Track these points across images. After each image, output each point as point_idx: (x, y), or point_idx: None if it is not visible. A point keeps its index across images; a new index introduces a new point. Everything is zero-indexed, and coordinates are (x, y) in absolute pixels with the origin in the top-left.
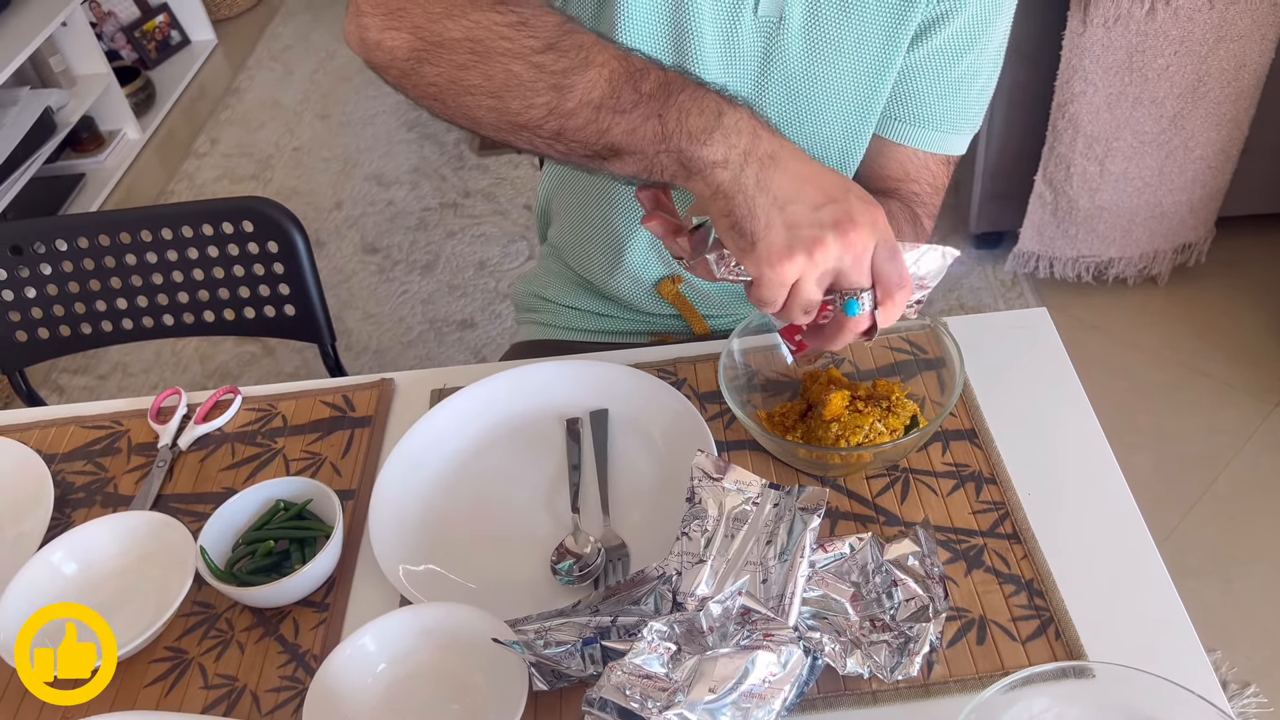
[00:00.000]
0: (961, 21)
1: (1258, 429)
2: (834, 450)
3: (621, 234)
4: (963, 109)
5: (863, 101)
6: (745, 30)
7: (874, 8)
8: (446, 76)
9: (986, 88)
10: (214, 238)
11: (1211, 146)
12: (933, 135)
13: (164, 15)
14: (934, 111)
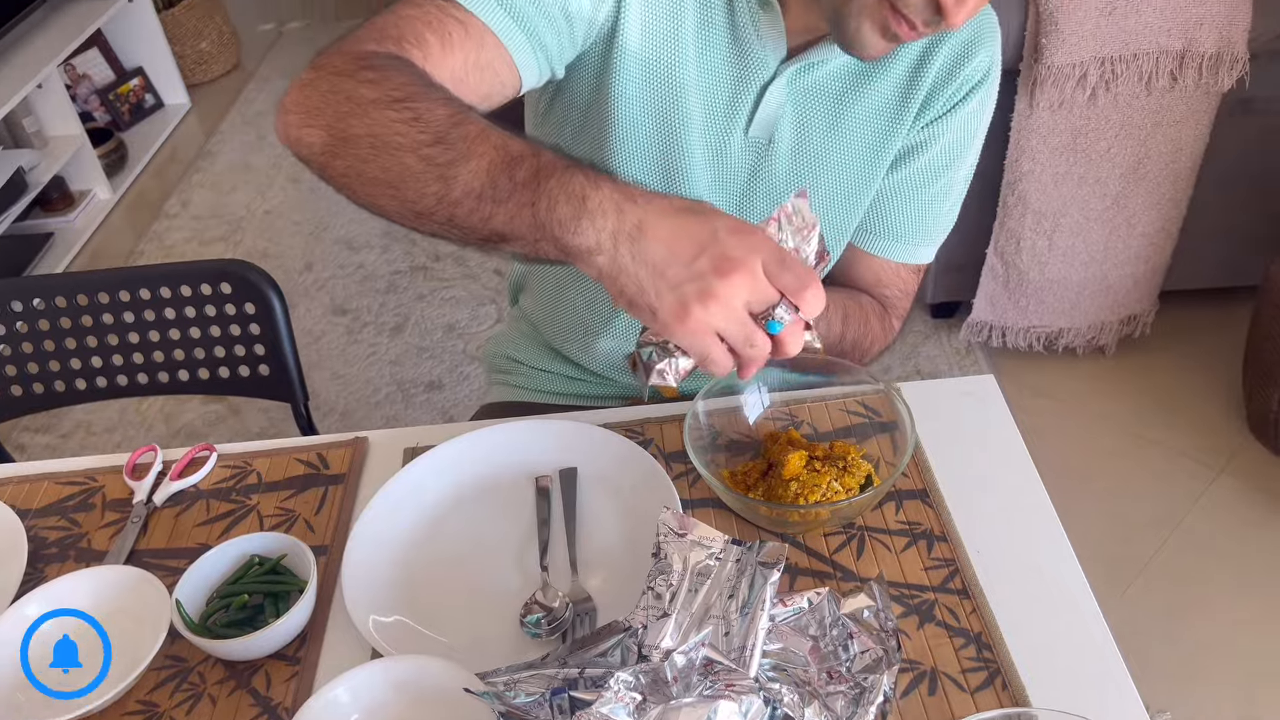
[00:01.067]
0: (938, 149)
1: (1204, 493)
2: (793, 508)
3: (596, 321)
4: (933, 225)
5: (842, 216)
6: (735, 149)
7: (858, 134)
8: (354, 169)
9: (957, 204)
10: (192, 298)
11: (1153, 224)
12: (904, 248)
13: (139, 79)
14: (906, 228)
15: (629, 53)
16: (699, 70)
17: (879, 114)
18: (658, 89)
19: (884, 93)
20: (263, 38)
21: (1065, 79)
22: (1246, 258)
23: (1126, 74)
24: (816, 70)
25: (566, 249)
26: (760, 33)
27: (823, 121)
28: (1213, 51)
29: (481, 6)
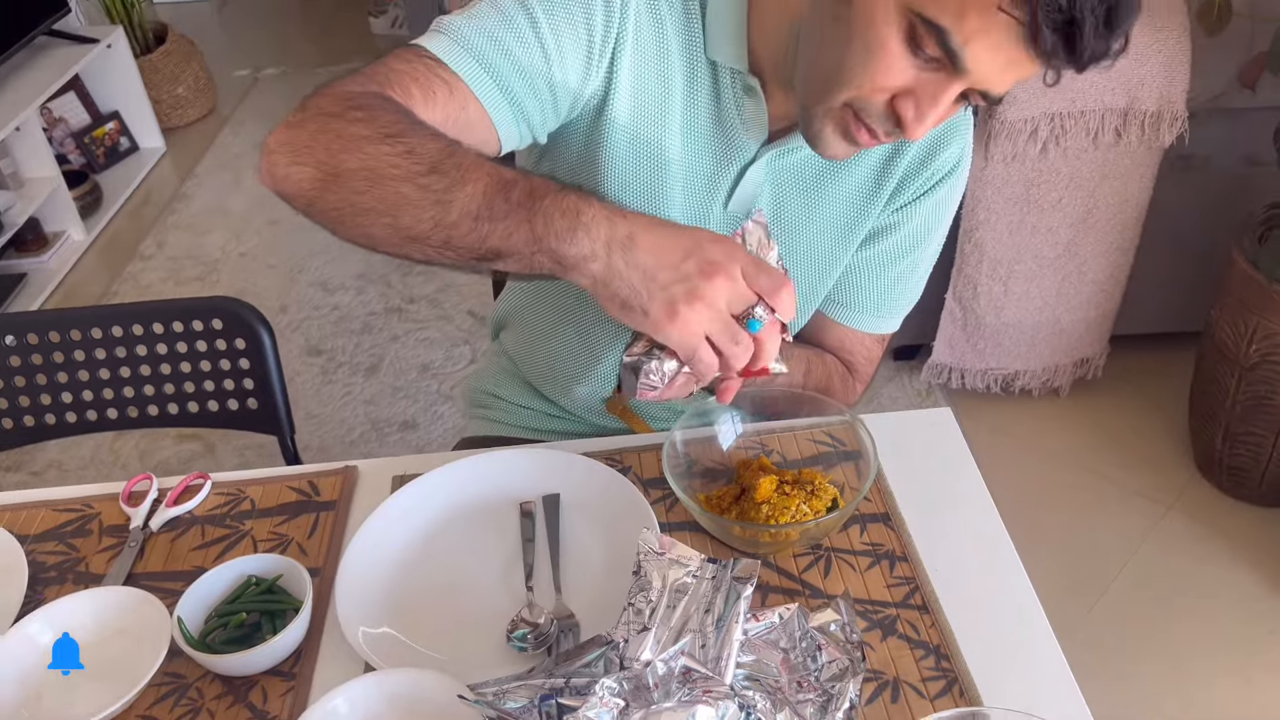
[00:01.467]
0: (907, 230)
1: (1153, 529)
2: (764, 528)
3: (576, 368)
4: (899, 298)
5: (812, 288)
6: (714, 222)
7: (831, 214)
8: (347, 201)
9: (923, 279)
10: (183, 334)
11: (1102, 271)
12: (871, 319)
13: (115, 123)
14: (873, 301)
15: (618, 126)
16: (683, 147)
17: (852, 197)
18: (643, 162)
19: (858, 178)
20: (238, 83)
21: (1018, 133)
22: (1190, 304)
23: (1075, 129)
24: (795, 154)
25: (562, 259)
26: (744, 117)
27: (798, 201)
28: (1154, 109)
29: (468, 71)
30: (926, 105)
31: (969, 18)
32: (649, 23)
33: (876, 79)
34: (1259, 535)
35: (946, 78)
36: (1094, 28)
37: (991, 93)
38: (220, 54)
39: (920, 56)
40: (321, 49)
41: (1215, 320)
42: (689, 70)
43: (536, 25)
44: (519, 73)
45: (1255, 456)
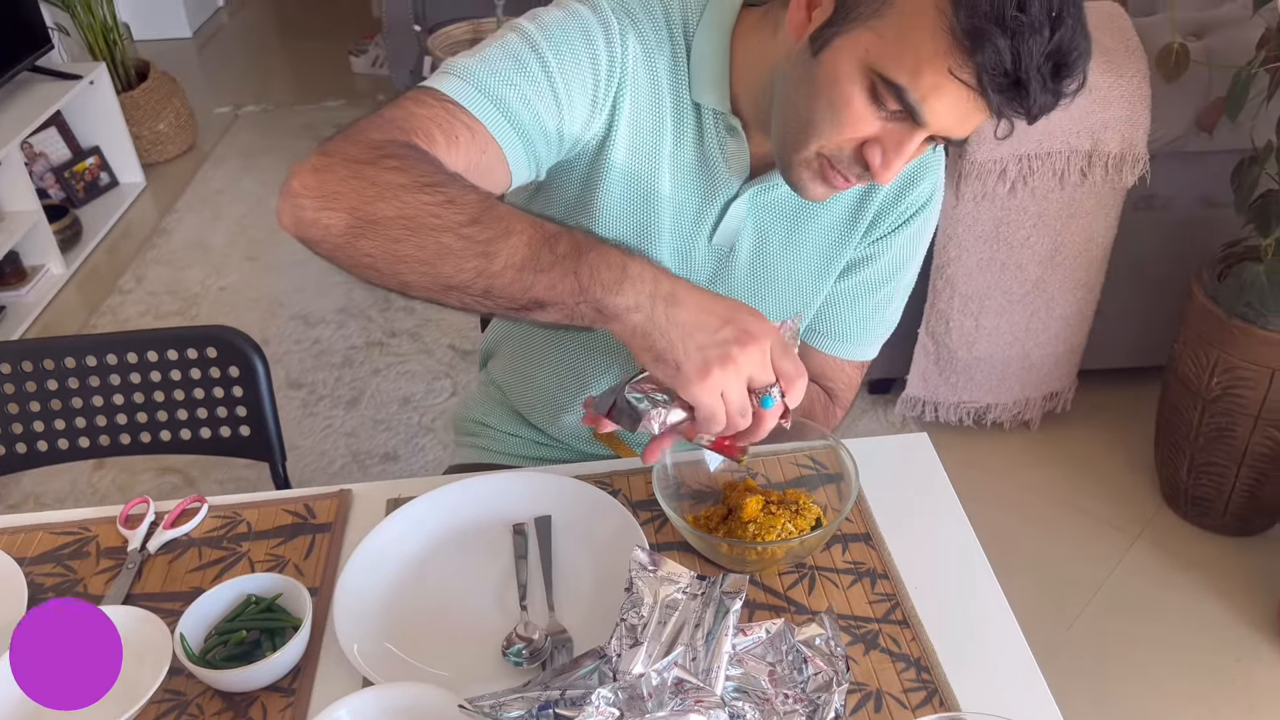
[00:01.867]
0: (883, 262)
1: (1123, 558)
2: (751, 545)
3: (564, 397)
4: (877, 327)
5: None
6: (699, 254)
7: (811, 247)
8: (381, 249)
9: (899, 309)
10: (177, 362)
11: (1070, 307)
12: (850, 347)
13: (95, 158)
14: (852, 329)
15: (615, 166)
16: (672, 185)
17: (830, 230)
18: (636, 199)
19: (836, 212)
20: (219, 120)
21: (987, 174)
22: (1155, 339)
23: (1042, 170)
24: (776, 190)
25: (606, 309)
26: (726, 156)
27: (779, 234)
28: (1117, 152)
29: (487, 114)
30: (892, 154)
31: (924, 76)
32: (644, 66)
33: (844, 131)
34: (1224, 564)
35: (909, 128)
36: (1040, 85)
37: (955, 139)
38: (201, 91)
39: (883, 110)
40: (302, 87)
41: (1178, 354)
42: (676, 111)
43: (548, 70)
44: (533, 116)
45: (1218, 487)
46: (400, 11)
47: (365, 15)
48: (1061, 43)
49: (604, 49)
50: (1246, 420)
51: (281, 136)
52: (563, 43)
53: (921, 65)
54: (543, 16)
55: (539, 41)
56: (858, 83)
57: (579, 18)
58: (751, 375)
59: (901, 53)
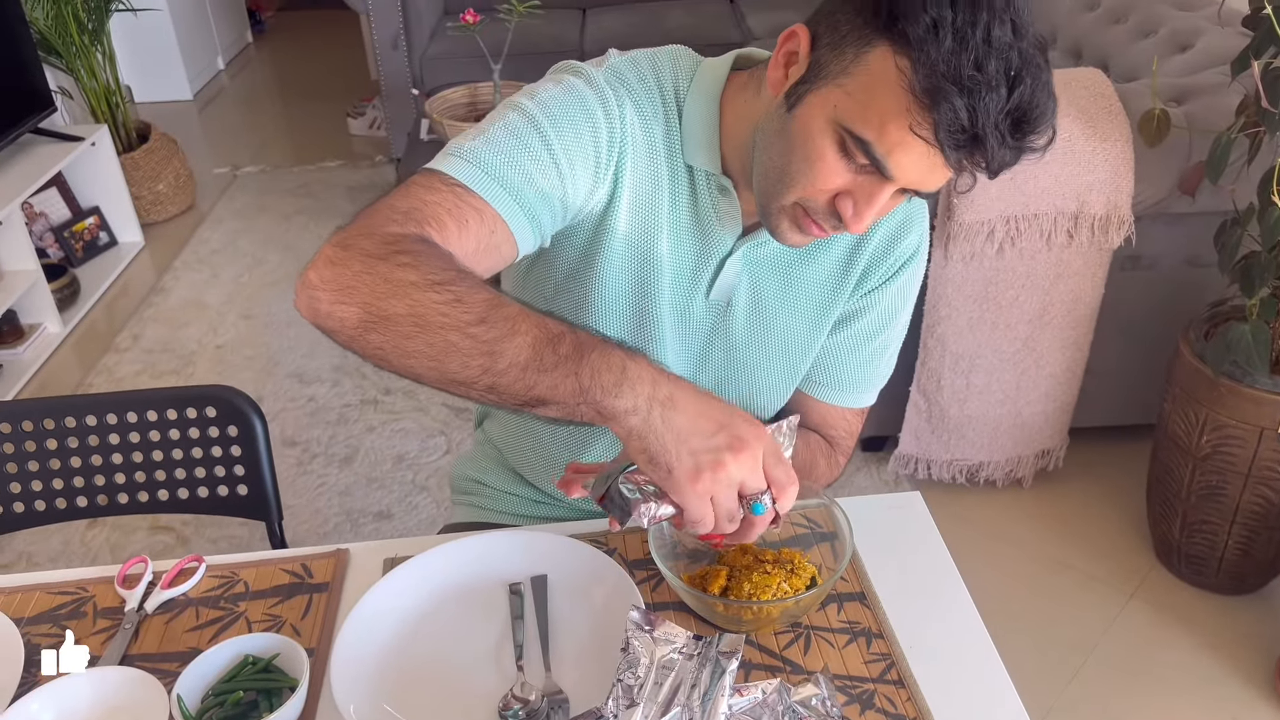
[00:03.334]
0: (876, 313)
1: (1117, 617)
2: (747, 605)
3: (561, 455)
4: (873, 375)
5: (789, 368)
6: (698, 310)
7: (804, 300)
8: (391, 344)
9: (894, 356)
10: (176, 421)
11: (1059, 365)
12: (848, 395)
13: (94, 218)
14: (850, 378)
15: (617, 233)
16: (670, 245)
17: (822, 283)
18: (637, 262)
19: (827, 266)
20: (218, 180)
21: (975, 235)
22: (1144, 397)
23: (1029, 231)
24: (768, 246)
25: (604, 410)
26: (719, 215)
27: (773, 287)
28: (1102, 213)
29: (495, 196)
30: (863, 205)
31: (889, 132)
32: (642, 133)
33: (817, 183)
34: (1218, 623)
35: (878, 181)
36: (999, 141)
37: (924, 191)
38: (201, 152)
39: (853, 163)
40: (300, 148)
41: (1167, 413)
42: (672, 173)
43: (550, 146)
44: (538, 193)
45: (1211, 545)
46: (398, 75)
47: (364, 78)
48: (1020, 100)
49: (603, 120)
50: (1237, 479)
51: (279, 197)
52: (562, 118)
53: (886, 122)
54: (540, 93)
55: (539, 119)
56: (828, 137)
57: (575, 92)
58: (743, 482)
59: (867, 110)
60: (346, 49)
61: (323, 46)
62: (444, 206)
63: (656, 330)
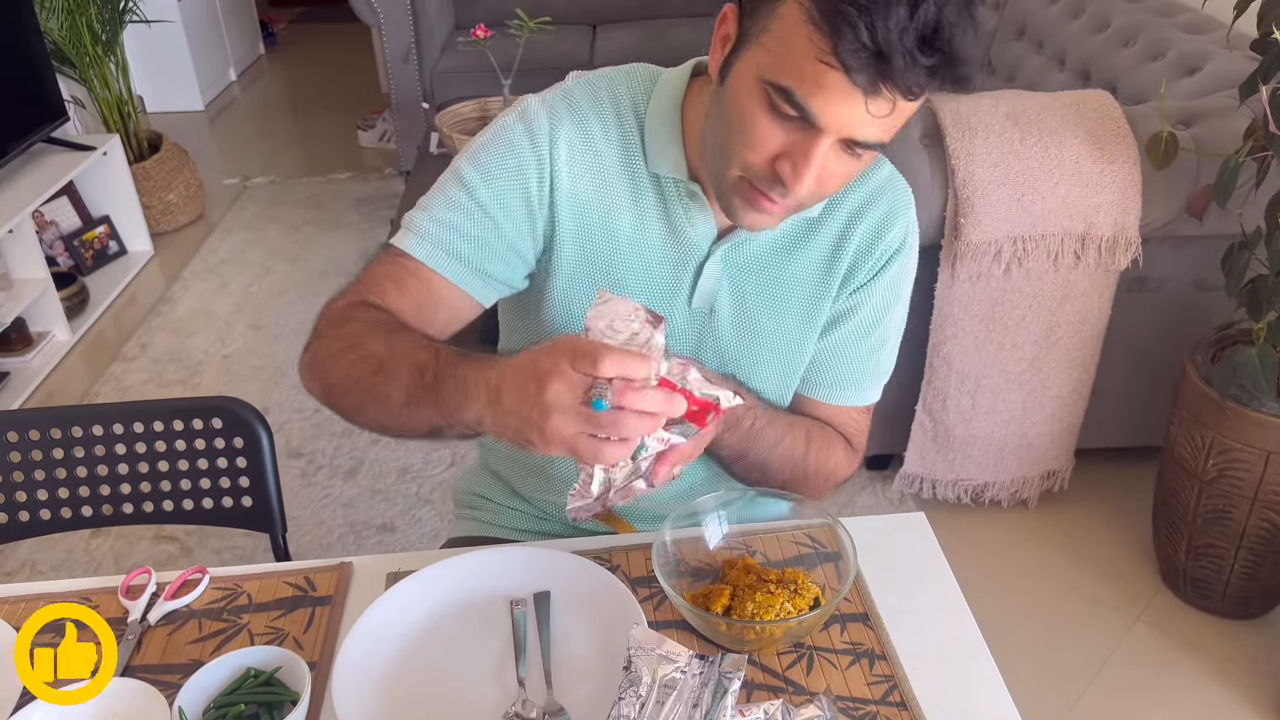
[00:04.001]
0: (868, 310)
1: (1122, 640)
2: (750, 625)
3: (558, 476)
4: (874, 370)
5: (783, 371)
6: (680, 320)
7: (790, 300)
8: (342, 406)
9: (893, 350)
10: (183, 432)
11: (1065, 386)
12: (852, 393)
13: (104, 226)
14: (851, 376)
15: (566, 255)
16: (638, 258)
17: (807, 280)
18: (596, 281)
19: (811, 262)
20: (228, 191)
21: (982, 254)
22: (1151, 420)
23: (1036, 252)
24: (746, 247)
25: (465, 424)
26: (691, 220)
27: (755, 289)
28: (1109, 235)
29: (427, 255)
30: (800, 163)
31: (804, 72)
32: (583, 153)
33: (754, 147)
34: (1225, 648)
35: (810, 135)
36: (906, 60)
37: (860, 139)
38: (212, 162)
39: (782, 119)
40: (310, 160)
41: (1174, 435)
42: (634, 188)
43: (476, 196)
44: (472, 243)
45: (1217, 569)
46: (409, 89)
47: (375, 92)
48: (926, 17)
49: (530, 156)
50: (1243, 502)
51: (288, 208)
52: (490, 164)
53: (800, 63)
54: (476, 142)
55: (468, 175)
56: (756, 97)
57: (505, 132)
58: (571, 399)
59: (784, 57)
60: (357, 62)
61: (334, 59)
62: (385, 274)
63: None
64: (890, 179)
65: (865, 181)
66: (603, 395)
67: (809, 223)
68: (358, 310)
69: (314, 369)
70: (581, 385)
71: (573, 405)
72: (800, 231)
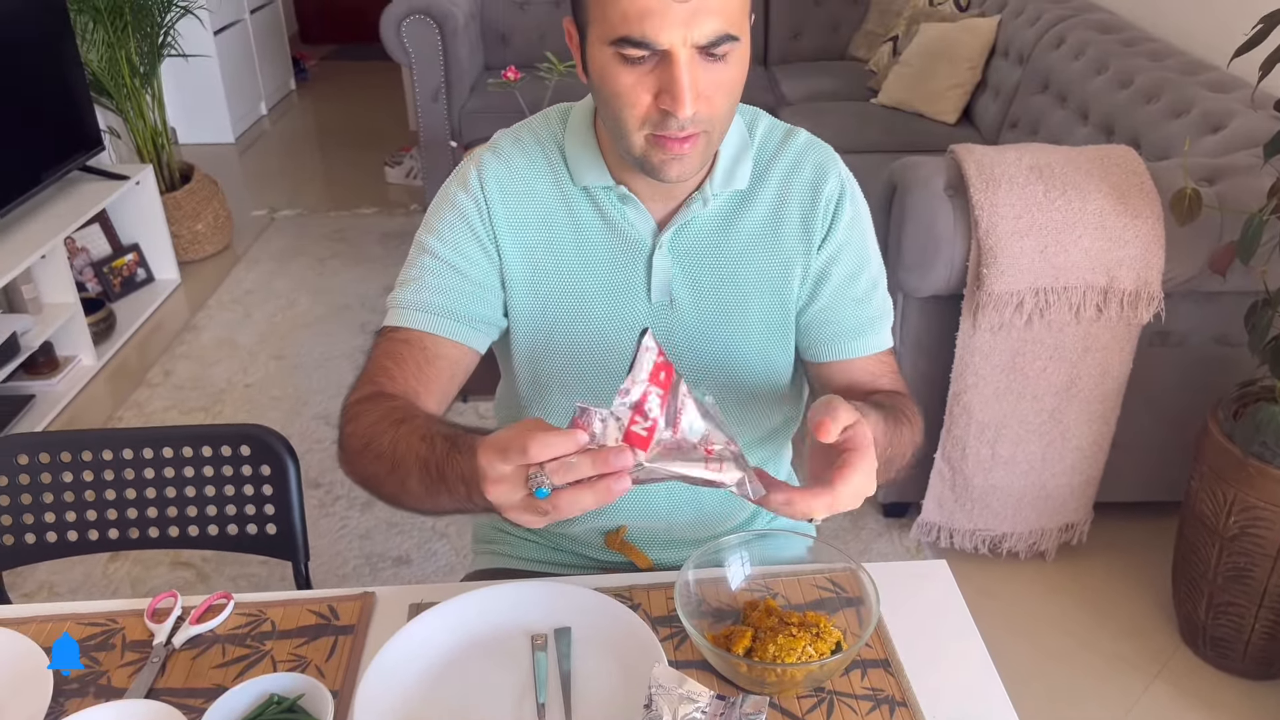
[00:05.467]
0: (842, 263)
1: (1140, 698)
2: (772, 667)
3: None
4: (876, 312)
5: (766, 345)
6: (642, 315)
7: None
8: (378, 495)
9: (885, 293)
10: (211, 459)
11: (1085, 439)
12: (867, 340)
13: (134, 254)
14: (856, 323)
15: (518, 279)
16: (585, 267)
17: (757, 251)
18: (553, 296)
19: (752, 231)
20: (255, 222)
21: (1004, 305)
22: (1171, 474)
23: (1058, 303)
24: (687, 230)
25: (477, 507)
26: (629, 220)
27: (710, 271)
28: (1132, 289)
29: (410, 320)
30: (673, 87)
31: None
32: (512, 186)
33: (632, 102)
34: (1244, 709)
35: (665, 61)
36: None
37: (705, 40)
38: (240, 194)
39: (638, 65)
40: (337, 194)
41: (1195, 491)
42: (567, 205)
43: (439, 255)
44: (447, 295)
45: (1237, 628)
46: (437, 127)
47: (402, 128)
48: None
49: (469, 203)
50: (1265, 561)
51: (314, 240)
52: (440, 225)
53: (618, 10)
54: (428, 214)
55: (426, 240)
56: (612, 63)
57: (445, 194)
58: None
59: (607, 16)
60: (386, 99)
61: (363, 96)
62: (384, 352)
63: (607, 346)
64: (809, 143)
65: (785, 150)
66: (542, 483)
67: (739, 195)
68: (366, 406)
69: (345, 465)
70: (518, 478)
71: (520, 502)
72: (733, 205)
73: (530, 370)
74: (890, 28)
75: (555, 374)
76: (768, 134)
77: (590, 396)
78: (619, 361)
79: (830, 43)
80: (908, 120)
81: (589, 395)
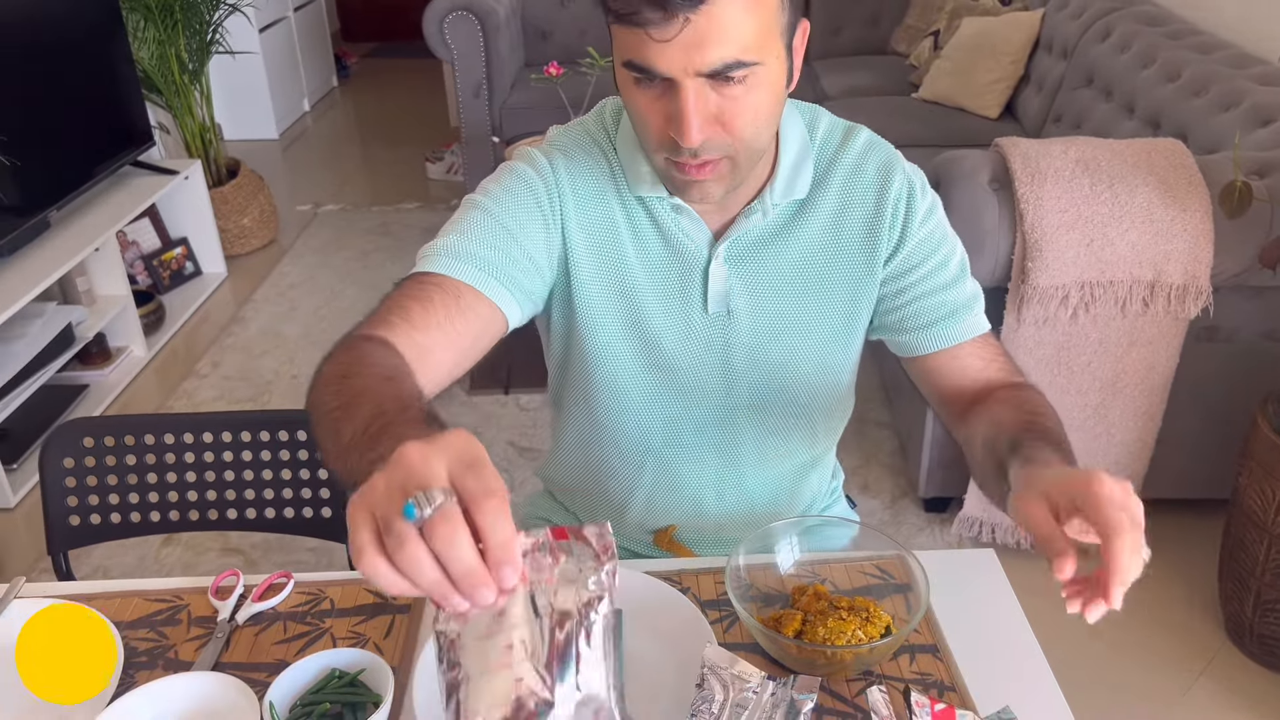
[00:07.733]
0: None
1: (1184, 696)
2: (821, 649)
3: (614, 499)
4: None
5: (824, 356)
6: (698, 327)
7: (812, 285)
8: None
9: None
10: (269, 443)
11: (1130, 434)
12: (966, 321)
13: (182, 248)
14: (954, 305)
15: (583, 272)
16: (646, 274)
17: (819, 258)
18: (614, 297)
19: (811, 240)
20: (300, 217)
21: (1049, 299)
22: (1218, 471)
23: (1104, 298)
24: (743, 240)
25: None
26: (684, 230)
27: (768, 281)
28: (1180, 283)
29: (451, 268)
30: (677, 115)
31: (628, 42)
32: (585, 180)
33: (647, 125)
34: None
35: (669, 87)
36: None
37: (707, 67)
38: (284, 189)
39: (648, 88)
40: (378, 189)
41: (1242, 487)
42: (625, 210)
43: (492, 214)
44: (494, 250)
45: None
46: (479, 123)
47: (444, 124)
48: None
49: (538, 179)
50: None
51: (357, 235)
52: (500, 191)
53: (622, 38)
54: (484, 183)
55: (480, 200)
56: (627, 81)
57: (510, 169)
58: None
59: (617, 35)
60: (427, 96)
61: (404, 93)
62: (408, 294)
63: (665, 356)
64: (869, 144)
65: (846, 152)
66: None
67: (797, 204)
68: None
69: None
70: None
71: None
72: (792, 213)
73: (582, 369)
74: (931, 22)
75: (609, 378)
76: (828, 135)
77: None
78: (674, 372)
79: (870, 37)
80: (949, 115)
81: (644, 400)
